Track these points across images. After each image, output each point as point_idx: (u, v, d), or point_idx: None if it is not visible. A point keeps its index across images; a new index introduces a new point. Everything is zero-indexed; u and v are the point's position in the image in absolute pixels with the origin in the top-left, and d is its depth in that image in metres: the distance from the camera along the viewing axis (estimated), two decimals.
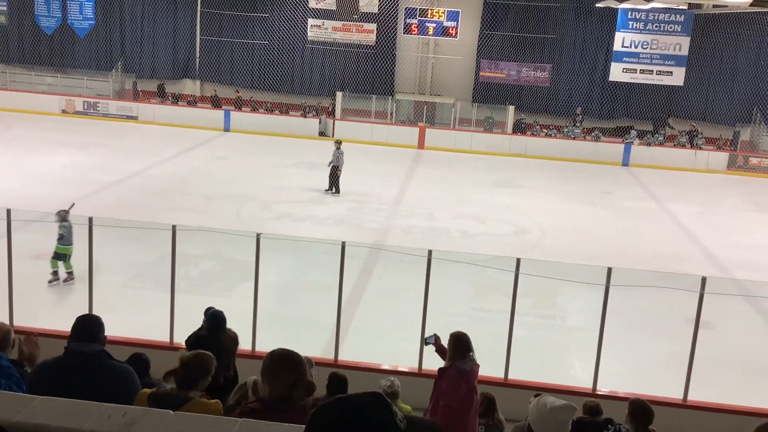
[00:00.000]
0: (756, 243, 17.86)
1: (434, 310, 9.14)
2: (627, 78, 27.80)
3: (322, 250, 12.61)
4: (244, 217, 17.12)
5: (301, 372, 3.41)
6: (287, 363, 3.42)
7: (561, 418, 3.46)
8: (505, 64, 29.16)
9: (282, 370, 3.38)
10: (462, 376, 6.11)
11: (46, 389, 3.29)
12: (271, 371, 3.40)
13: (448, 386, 6.10)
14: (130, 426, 2.53)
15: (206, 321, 6.62)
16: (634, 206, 21.10)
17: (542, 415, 3.50)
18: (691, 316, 8.85)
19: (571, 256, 14.64)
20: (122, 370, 4.12)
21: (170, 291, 9.28)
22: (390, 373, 8.12)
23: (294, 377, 3.36)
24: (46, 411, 2.62)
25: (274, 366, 3.40)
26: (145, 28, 31.09)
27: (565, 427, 3.49)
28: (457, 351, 6.19)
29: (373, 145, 27.17)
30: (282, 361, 3.43)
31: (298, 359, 3.46)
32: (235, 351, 6.74)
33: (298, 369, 3.41)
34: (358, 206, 18.80)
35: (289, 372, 3.38)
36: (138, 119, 28.85)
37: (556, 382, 9.03)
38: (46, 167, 20.32)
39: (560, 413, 3.47)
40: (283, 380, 3.35)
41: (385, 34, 29.54)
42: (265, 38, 30.15)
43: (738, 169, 27.27)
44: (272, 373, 3.39)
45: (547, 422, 3.47)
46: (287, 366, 3.40)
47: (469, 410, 6.13)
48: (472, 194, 20.87)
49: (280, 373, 3.37)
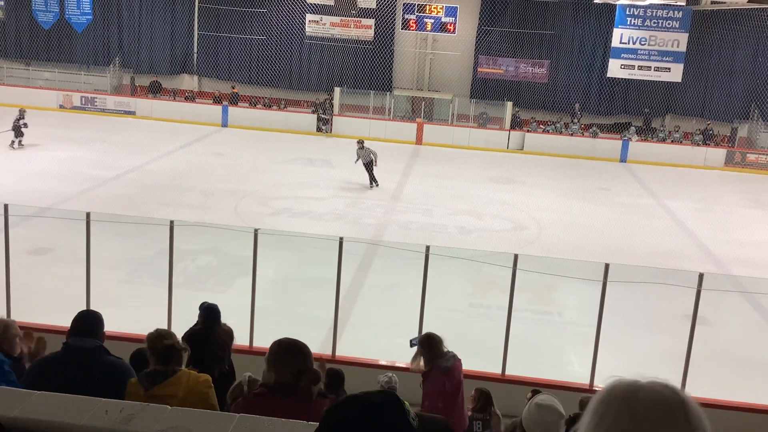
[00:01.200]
0: (753, 239, 17.89)
1: (432, 306, 9.15)
2: (625, 74, 27.83)
3: (320, 246, 12.60)
4: (242, 212, 17.11)
5: (308, 362, 3.47)
6: (294, 352, 3.48)
7: (547, 419, 3.44)
8: (503, 60, 29.13)
9: (289, 358, 3.44)
10: (446, 374, 6.13)
11: (44, 384, 3.29)
12: (278, 358, 3.45)
13: (433, 387, 6.13)
14: (128, 421, 2.54)
15: (201, 314, 6.64)
16: (632, 202, 21.12)
17: (530, 411, 3.49)
18: (688, 313, 8.87)
19: (568, 252, 14.64)
20: (120, 365, 4.13)
21: (168, 286, 9.27)
22: (388, 369, 8.13)
23: (300, 366, 3.41)
24: (44, 406, 2.62)
25: (282, 354, 3.46)
26: (142, 24, 31.02)
27: (553, 428, 3.45)
28: (433, 351, 6.21)
29: (371, 140, 27.11)
30: (289, 350, 3.49)
31: (305, 350, 3.52)
32: (230, 345, 6.76)
33: (305, 359, 3.47)
34: (356, 202, 18.80)
35: (295, 360, 3.43)
36: (136, 114, 28.80)
37: (554, 378, 9.04)
38: (43, 162, 20.28)
39: (546, 412, 3.44)
40: (288, 368, 3.40)
41: (383, 29, 29.50)
42: (263, 34, 30.10)
43: (736, 166, 27.31)
44: (279, 360, 3.44)
45: (534, 419, 3.46)
46: (294, 354, 3.46)
47: (455, 405, 6.16)
48: (470, 190, 20.86)
49: (287, 360, 3.42)
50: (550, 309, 12.74)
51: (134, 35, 31.09)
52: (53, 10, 28.99)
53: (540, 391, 3.68)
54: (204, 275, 13.16)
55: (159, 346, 4.06)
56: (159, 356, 4.05)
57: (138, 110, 28.99)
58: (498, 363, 9.00)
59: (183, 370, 4.04)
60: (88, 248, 9.17)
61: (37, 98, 28.71)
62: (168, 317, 9.22)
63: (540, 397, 3.54)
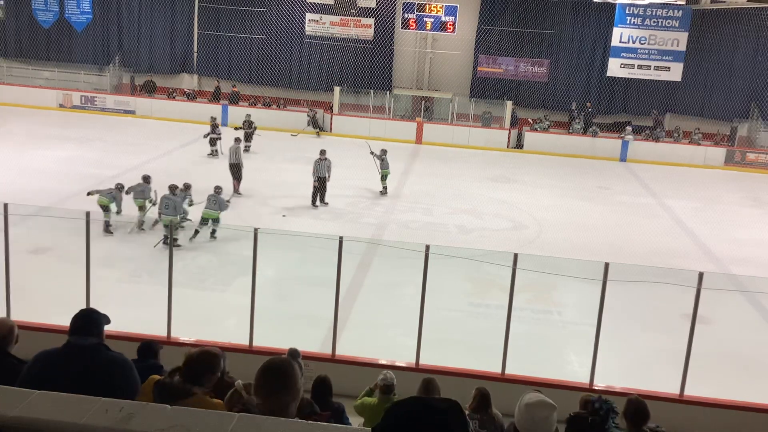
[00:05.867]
0: (753, 238, 17.89)
1: (432, 305, 9.16)
2: (625, 73, 27.85)
3: (319, 245, 12.60)
4: (242, 211, 17.11)
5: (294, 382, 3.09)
6: (280, 374, 3.08)
7: (537, 415, 3.41)
8: (503, 60, 29.13)
9: (276, 381, 3.06)
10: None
11: (44, 381, 3.30)
12: (265, 382, 3.07)
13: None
14: (128, 420, 2.53)
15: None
16: (632, 201, 21.12)
17: (521, 412, 3.47)
18: (687, 312, 8.88)
19: (568, 251, 14.65)
20: (120, 360, 4.11)
21: (168, 285, 9.28)
22: (387, 368, 8.12)
23: (289, 386, 3.06)
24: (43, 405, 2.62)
25: (271, 377, 3.06)
26: (142, 23, 31.00)
27: (545, 424, 3.43)
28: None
29: (371, 140, 27.12)
30: (274, 372, 3.08)
31: (290, 370, 3.11)
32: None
33: (289, 379, 3.08)
34: (356, 201, 18.79)
35: (282, 383, 3.06)
36: (135, 114, 28.80)
37: (553, 377, 9.05)
38: (43, 162, 20.28)
39: (536, 410, 3.42)
40: (276, 391, 3.03)
41: (383, 29, 29.50)
42: (263, 33, 30.10)
43: (735, 165, 27.31)
44: (266, 384, 3.07)
45: (525, 418, 3.44)
46: (280, 378, 3.08)
47: None
48: (470, 189, 20.87)
49: (275, 384, 3.06)
50: (550, 308, 12.75)
51: (134, 34, 31.07)
52: (53, 10, 29.01)
53: (531, 391, 3.64)
54: (204, 274, 13.17)
55: (194, 367, 4.00)
56: (186, 374, 3.99)
57: (138, 109, 28.99)
58: (498, 362, 9.01)
59: (197, 395, 3.88)
60: (87, 247, 9.17)
61: (37, 97, 28.72)
62: (168, 316, 9.23)
63: (527, 396, 3.52)
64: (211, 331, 9.92)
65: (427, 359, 9.13)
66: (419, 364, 9.05)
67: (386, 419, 1.84)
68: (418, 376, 6.52)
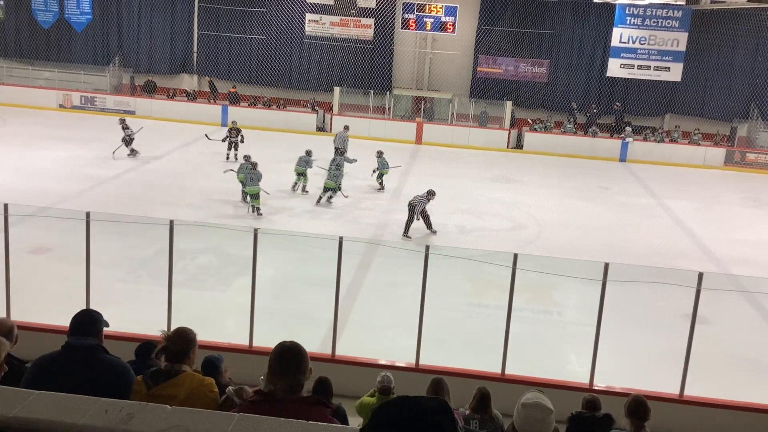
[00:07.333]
0: (753, 239, 17.89)
1: (432, 306, 9.15)
2: (624, 74, 27.87)
3: (319, 245, 12.61)
4: (242, 212, 17.11)
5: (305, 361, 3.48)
6: (293, 355, 3.48)
7: (533, 417, 3.41)
8: (503, 60, 29.14)
9: (291, 362, 3.44)
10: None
11: (43, 383, 3.31)
12: (282, 364, 3.44)
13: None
14: (128, 421, 2.53)
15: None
16: (632, 202, 21.12)
17: (518, 413, 3.47)
18: (687, 312, 8.87)
19: (568, 251, 14.65)
20: (117, 364, 4.13)
21: (167, 286, 9.27)
22: (387, 368, 8.12)
23: (303, 366, 3.42)
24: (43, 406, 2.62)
25: (287, 359, 3.45)
26: (142, 23, 31.01)
27: (541, 425, 3.43)
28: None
29: (371, 140, 27.14)
30: (288, 354, 3.49)
31: (303, 352, 3.52)
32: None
33: (303, 359, 3.47)
34: (356, 201, 18.79)
35: (297, 363, 3.44)
36: (135, 114, 28.78)
37: (553, 377, 9.05)
38: (43, 162, 20.28)
39: (531, 411, 3.42)
40: (293, 371, 3.39)
41: (383, 29, 29.51)
42: (263, 33, 30.11)
43: (735, 165, 27.32)
44: (282, 366, 3.43)
45: (524, 419, 3.44)
46: (294, 358, 3.46)
47: None
48: (470, 189, 20.87)
49: (291, 365, 3.41)
50: (550, 308, 12.74)
51: (134, 35, 31.09)
52: (53, 10, 29.03)
53: (532, 391, 3.64)
54: (204, 275, 13.16)
55: (177, 343, 4.08)
56: (171, 352, 4.05)
57: (138, 110, 28.99)
58: (498, 362, 9.01)
59: (187, 372, 4.03)
60: (87, 248, 9.16)
61: (37, 98, 28.73)
62: (168, 316, 9.22)
63: (526, 396, 3.52)
64: (211, 331, 9.90)
65: (427, 359, 9.12)
66: (419, 365, 9.04)
67: (375, 419, 1.85)
68: (418, 377, 6.53)
